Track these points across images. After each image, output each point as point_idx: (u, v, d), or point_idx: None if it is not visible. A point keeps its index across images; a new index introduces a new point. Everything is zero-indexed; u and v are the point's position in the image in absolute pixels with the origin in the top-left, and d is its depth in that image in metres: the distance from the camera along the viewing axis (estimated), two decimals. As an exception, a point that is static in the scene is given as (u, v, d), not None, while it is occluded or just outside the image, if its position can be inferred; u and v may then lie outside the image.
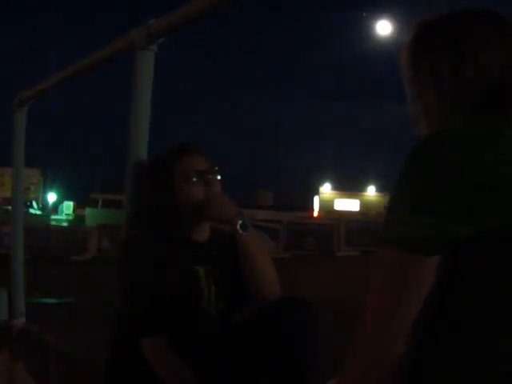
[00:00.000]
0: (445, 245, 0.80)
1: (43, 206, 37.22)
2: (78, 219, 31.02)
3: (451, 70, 0.92)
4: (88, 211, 26.34)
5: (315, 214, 36.48)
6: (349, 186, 38.90)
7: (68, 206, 42.01)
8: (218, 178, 1.77)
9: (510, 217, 0.78)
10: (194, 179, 1.71)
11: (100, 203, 25.63)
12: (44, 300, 7.71)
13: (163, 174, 1.72)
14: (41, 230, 16.01)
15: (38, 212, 30.44)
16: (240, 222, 1.69)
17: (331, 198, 40.48)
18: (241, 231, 1.69)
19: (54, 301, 7.83)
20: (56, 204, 44.73)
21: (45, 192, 42.02)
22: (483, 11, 0.95)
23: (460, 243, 0.80)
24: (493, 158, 0.78)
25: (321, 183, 42.67)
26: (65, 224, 28.21)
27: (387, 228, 0.83)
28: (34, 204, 30.40)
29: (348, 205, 36.04)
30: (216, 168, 1.76)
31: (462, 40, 0.92)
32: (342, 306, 4.98)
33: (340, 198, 39.71)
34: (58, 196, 46.26)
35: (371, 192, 39.84)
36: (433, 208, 0.79)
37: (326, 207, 38.26)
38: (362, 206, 36.59)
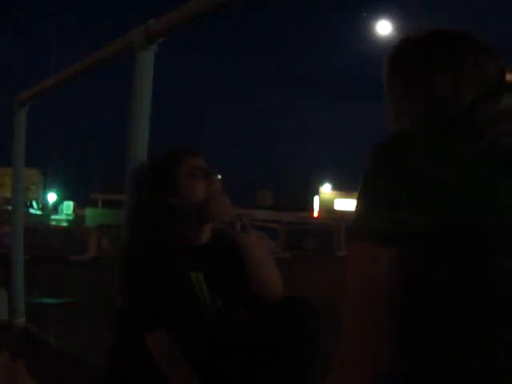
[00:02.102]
0: (404, 236, 0.84)
1: (43, 206, 37.16)
2: (78, 219, 30.98)
3: (422, 84, 0.96)
4: (88, 211, 26.34)
5: (315, 214, 36.51)
6: (349, 186, 38.98)
7: (68, 206, 42.00)
8: (219, 176, 1.77)
9: (462, 210, 0.83)
10: (198, 176, 1.72)
11: (100, 203, 25.62)
12: (44, 300, 7.71)
13: (165, 175, 1.73)
14: (41, 230, 16.02)
15: (38, 212, 30.40)
16: (239, 223, 1.69)
17: (331, 198, 40.50)
18: (241, 232, 1.69)
19: (54, 301, 7.83)
20: (56, 204, 44.72)
21: (45, 192, 42.03)
22: (462, 32, 1.00)
23: (420, 237, 0.84)
24: (445, 158, 0.84)
25: (321, 183, 42.71)
26: (65, 224, 28.21)
27: (352, 223, 0.89)
28: (34, 204, 30.36)
29: (348, 205, 36.05)
30: (215, 168, 1.77)
31: (436, 57, 0.97)
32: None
33: (340, 197, 39.74)
34: (58, 196, 46.26)
35: (371, 192, 39.70)
36: (391, 202, 0.85)
37: (326, 207, 38.28)
38: (361, 205, 36.49)
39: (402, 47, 1.03)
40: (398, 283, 0.86)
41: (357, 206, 0.89)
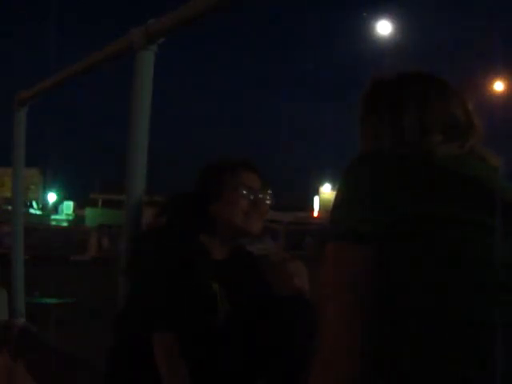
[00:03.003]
0: (375, 233, 0.92)
1: (43, 206, 37.14)
2: (77, 219, 30.97)
3: (391, 120, 1.08)
4: (88, 211, 26.36)
5: (315, 214, 36.50)
6: (349, 186, 38.82)
7: (68, 206, 41.96)
8: (268, 201, 1.75)
9: (425, 206, 0.92)
10: (244, 192, 1.70)
11: (100, 203, 25.64)
12: (44, 300, 7.71)
13: (213, 183, 1.72)
14: (41, 230, 16.02)
15: (38, 212, 30.40)
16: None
17: (331, 198, 40.39)
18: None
19: (54, 301, 7.83)
20: (56, 204, 44.68)
21: (45, 192, 41.99)
22: (428, 74, 1.13)
23: (386, 233, 0.91)
24: (404, 166, 0.97)
25: (321, 183, 42.74)
26: (65, 224, 28.22)
27: (328, 225, 0.98)
28: (34, 204, 30.38)
29: (348, 205, 35.91)
30: (269, 190, 1.76)
31: (403, 97, 1.09)
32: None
33: (340, 197, 39.63)
34: (58, 196, 46.21)
35: (371, 192, 39.68)
36: (364, 204, 0.94)
37: (326, 207, 38.27)
38: (361, 206, 36.45)
39: (376, 87, 1.15)
40: (372, 277, 0.91)
41: (332, 209, 0.99)
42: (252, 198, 1.72)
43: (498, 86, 19.22)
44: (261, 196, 1.74)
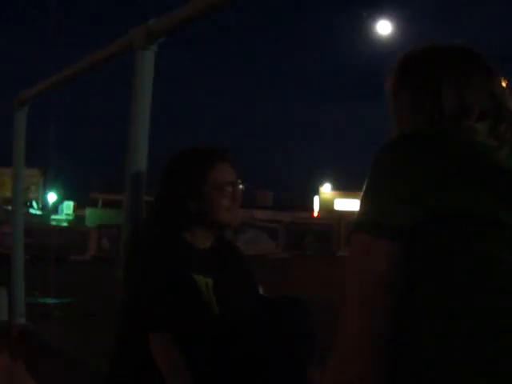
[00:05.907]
0: (400, 228, 0.88)
1: (43, 206, 37.17)
2: (77, 219, 30.95)
3: (428, 97, 1.02)
4: (88, 211, 26.35)
5: (315, 214, 36.55)
6: (349, 186, 39.00)
7: (68, 206, 41.94)
8: (241, 187, 1.78)
9: (456, 203, 0.88)
10: (225, 190, 1.72)
11: (100, 203, 25.64)
12: (44, 300, 7.72)
13: (192, 180, 1.72)
14: (41, 230, 16.00)
15: (38, 212, 30.41)
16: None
17: (331, 198, 40.55)
18: None
19: (54, 301, 7.84)
20: (56, 204, 44.67)
21: (45, 192, 41.96)
22: (465, 46, 1.06)
23: (416, 230, 0.88)
24: (437, 156, 0.91)
25: (321, 183, 42.77)
26: (65, 224, 28.19)
27: (356, 217, 0.94)
28: (34, 204, 30.39)
29: (348, 205, 36.03)
30: (241, 180, 1.78)
31: (442, 71, 1.03)
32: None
33: (340, 197, 39.78)
34: (58, 196, 46.19)
35: (371, 192, 39.63)
36: (391, 197, 0.90)
37: (326, 207, 38.33)
38: (361, 206, 36.45)
39: (409, 60, 1.07)
40: (395, 273, 0.89)
41: (361, 202, 0.94)
42: (231, 192, 1.74)
43: (498, 86, 19.18)
44: (238, 188, 1.76)
